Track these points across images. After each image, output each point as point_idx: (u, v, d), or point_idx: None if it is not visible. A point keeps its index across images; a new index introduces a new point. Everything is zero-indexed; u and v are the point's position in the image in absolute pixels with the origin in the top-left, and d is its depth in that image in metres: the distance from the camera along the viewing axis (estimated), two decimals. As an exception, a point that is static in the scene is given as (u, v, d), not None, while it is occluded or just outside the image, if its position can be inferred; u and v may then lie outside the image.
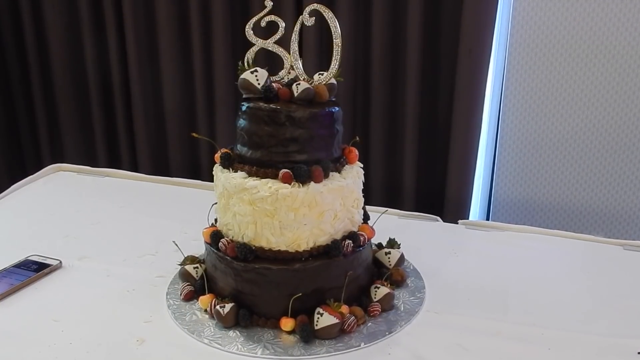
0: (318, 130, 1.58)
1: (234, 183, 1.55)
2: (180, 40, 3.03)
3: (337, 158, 1.64)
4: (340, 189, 1.58)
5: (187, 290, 1.69)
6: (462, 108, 2.64)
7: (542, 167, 2.76)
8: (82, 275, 1.83)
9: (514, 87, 2.68)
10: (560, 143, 2.70)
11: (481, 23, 2.53)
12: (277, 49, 1.63)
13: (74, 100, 3.33)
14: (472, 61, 2.58)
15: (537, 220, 2.83)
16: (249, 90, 1.59)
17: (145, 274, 1.83)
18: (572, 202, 2.76)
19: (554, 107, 2.67)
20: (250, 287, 1.57)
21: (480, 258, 1.95)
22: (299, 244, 1.55)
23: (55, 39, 3.24)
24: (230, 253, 1.57)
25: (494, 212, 2.90)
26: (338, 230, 1.61)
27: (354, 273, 1.61)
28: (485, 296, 1.73)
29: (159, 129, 3.21)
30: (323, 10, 1.56)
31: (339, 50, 1.56)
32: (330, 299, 1.55)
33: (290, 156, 1.56)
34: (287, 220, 1.52)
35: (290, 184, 1.52)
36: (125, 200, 2.37)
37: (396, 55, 2.71)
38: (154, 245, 1.99)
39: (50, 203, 2.35)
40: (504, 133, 2.76)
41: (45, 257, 1.88)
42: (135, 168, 3.24)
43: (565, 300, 1.71)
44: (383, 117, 2.80)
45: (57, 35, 3.23)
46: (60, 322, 1.60)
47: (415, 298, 1.71)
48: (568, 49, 2.59)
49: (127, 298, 1.71)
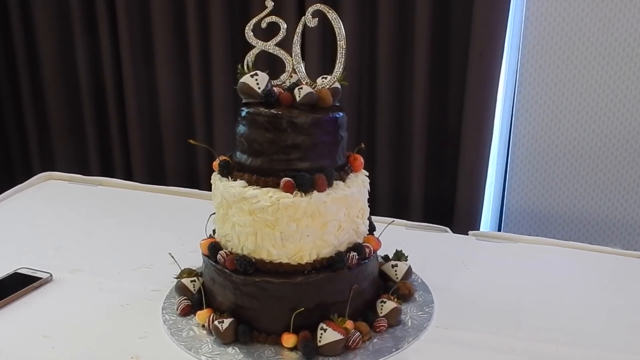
0: (321, 136, 1.58)
1: (233, 192, 1.56)
2: (177, 42, 3.04)
3: (341, 166, 1.64)
4: (345, 198, 1.58)
5: (184, 304, 1.69)
6: (473, 113, 2.64)
7: (557, 175, 2.76)
8: (73, 289, 1.83)
9: (527, 91, 2.69)
10: (576, 150, 2.70)
11: (492, 24, 2.54)
12: (279, 51, 1.64)
13: (65, 104, 3.34)
14: (483, 64, 2.58)
15: (551, 231, 2.83)
16: (249, 95, 1.59)
17: (140, 287, 1.83)
18: (588, 212, 2.76)
19: (569, 112, 2.67)
20: (250, 302, 1.57)
21: (492, 271, 1.96)
22: (301, 256, 1.55)
23: (44, 39, 3.25)
24: (229, 266, 1.58)
25: (506, 223, 2.90)
26: (342, 241, 1.61)
27: (359, 287, 1.61)
28: (497, 311, 1.73)
29: (154, 135, 3.22)
30: (327, 11, 1.56)
31: (343, 52, 1.57)
32: (334, 314, 1.55)
33: (292, 164, 1.56)
34: (289, 232, 1.52)
35: (292, 193, 1.52)
36: (119, 211, 2.38)
37: (403, 58, 2.72)
38: (149, 258, 1.99)
39: (40, 213, 2.36)
40: (516, 139, 2.77)
41: (35, 270, 1.88)
42: (130, 176, 3.25)
43: (581, 316, 1.71)
44: (389, 123, 2.81)
45: (47, 35, 3.24)
46: (50, 338, 1.60)
47: (423, 313, 1.71)
48: (585, 52, 2.60)
49: (120, 313, 1.72)
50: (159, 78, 3.10)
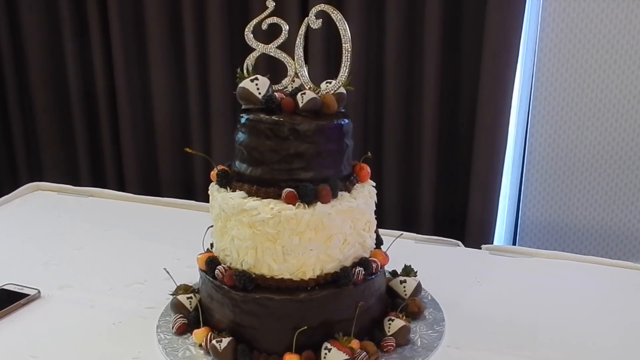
0: (325, 145, 1.58)
1: (232, 204, 1.56)
2: (173, 43, 3.05)
3: (346, 176, 1.65)
4: (350, 210, 1.58)
5: (180, 322, 1.69)
6: (486, 120, 2.65)
7: (576, 186, 2.76)
8: (63, 306, 1.83)
9: (543, 96, 2.69)
10: (595, 159, 2.70)
11: (507, 24, 2.54)
12: (280, 54, 1.64)
13: (54, 110, 3.35)
14: (497, 67, 2.59)
15: (569, 245, 2.83)
16: (249, 101, 1.60)
17: (133, 304, 1.83)
18: (608, 225, 2.76)
19: (588, 118, 2.67)
20: (250, 320, 1.58)
21: (506, 287, 1.96)
22: (304, 272, 1.55)
23: (31, 40, 3.26)
24: (228, 282, 1.58)
25: (521, 236, 2.90)
26: (348, 256, 1.61)
27: (365, 304, 1.61)
28: (511, 330, 1.72)
29: (148, 143, 3.23)
30: (331, 11, 1.56)
31: (348, 55, 1.57)
32: (339, 333, 1.55)
33: (295, 174, 1.56)
34: (291, 245, 1.53)
35: (295, 205, 1.52)
36: (110, 223, 2.38)
37: (412, 60, 2.73)
38: (143, 273, 1.99)
39: (28, 226, 2.36)
40: (532, 148, 2.77)
41: (22, 287, 1.88)
42: (122, 187, 3.26)
43: (600, 335, 1.71)
44: (398, 130, 2.81)
45: (34, 36, 3.26)
46: (38, 358, 1.60)
47: (433, 332, 1.71)
48: (605, 54, 2.59)
49: (113, 332, 1.71)
50: (153, 82, 3.11)
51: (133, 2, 3.04)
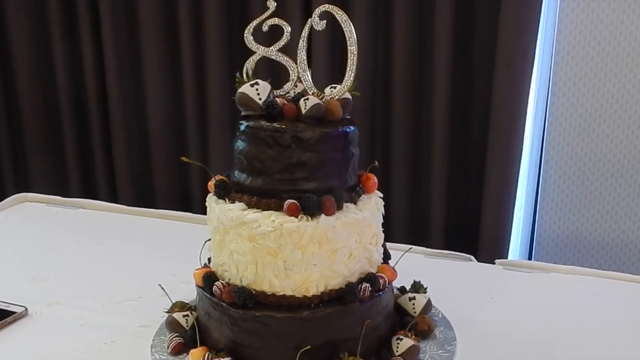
0: (330, 153, 1.58)
1: (230, 216, 1.56)
2: (168, 46, 3.06)
3: (352, 186, 1.65)
4: (356, 223, 1.58)
5: (176, 342, 1.69)
6: (500, 128, 2.65)
7: (594, 198, 2.76)
8: (51, 325, 1.84)
9: (561, 102, 2.69)
10: (615, 169, 2.70)
11: (522, 27, 2.55)
12: (282, 57, 1.64)
13: (42, 117, 3.35)
14: (511, 72, 2.59)
15: (588, 260, 2.83)
16: (249, 107, 1.60)
17: (126, 323, 1.83)
18: (630, 238, 2.76)
19: (607, 127, 2.67)
20: (250, 339, 1.58)
21: (522, 304, 1.96)
22: (307, 288, 1.55)
23: (18, 43, 3.27)
24: (227, 298, 1.58)
25: (537, 251, 2.91)
26: (353, 271, 1.61)
27: (372, 322, 1.61)
28: (527, 350, 1.73)
29: (142, 152, 3.23)
30: (336, 12, 1.56)
31: (354, 59, 1.57)
32: (344, 353, 1.55)
33: (297, 184, 1.56)
34: (294, 260, 1.53)
35: (297, 217, 1.52)
36: (102, 236, 2.39)
37: (422, 64, 2.73)
38: (137, 290, 2.00)
39: (15, 239, 2.37)
40: (549, 157, 2.77)
41: (8, 304, 1.88)
42: (115, 198, 3.26)
43: (621, 354, 1.71)
44: (406, 138, 2.82)
45: (22, 39, 3.26)
46: (25, 379, 1.61)
47: (444, 352, 1.71)
48: (625, 58, 2.60)
49: (104, 352, 1.72)
50: (147, 87, 3.12)
51: (126, 2, 3.05)
